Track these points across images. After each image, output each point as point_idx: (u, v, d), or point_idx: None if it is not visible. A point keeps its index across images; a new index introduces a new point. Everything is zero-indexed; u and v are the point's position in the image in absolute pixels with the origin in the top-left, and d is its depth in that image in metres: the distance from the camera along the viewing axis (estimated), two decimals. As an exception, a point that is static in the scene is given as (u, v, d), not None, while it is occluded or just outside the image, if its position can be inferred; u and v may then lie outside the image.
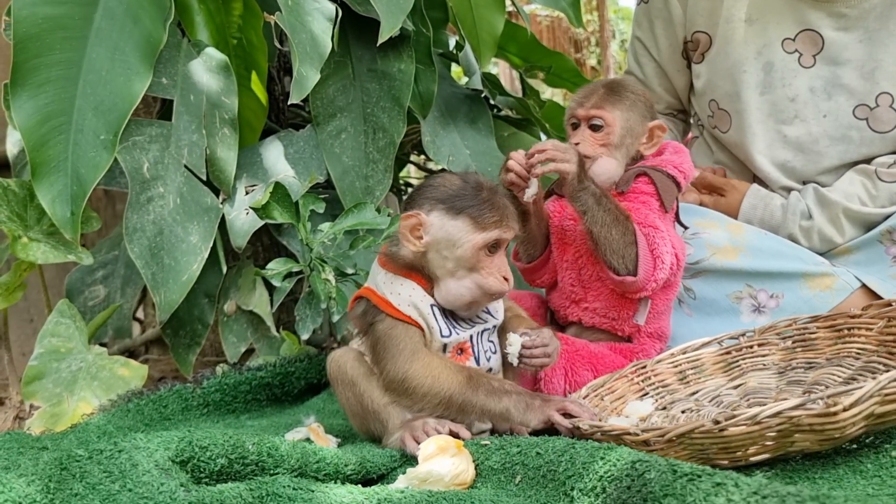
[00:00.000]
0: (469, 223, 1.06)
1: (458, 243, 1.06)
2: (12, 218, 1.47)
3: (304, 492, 0.82)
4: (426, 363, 1.06)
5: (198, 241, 1.56)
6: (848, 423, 0.84)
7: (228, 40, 1.77)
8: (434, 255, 1.08)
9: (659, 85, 1.78)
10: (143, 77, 1.50)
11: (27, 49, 1.43)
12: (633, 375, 1.26)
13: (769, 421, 0.85)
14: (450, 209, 1.07)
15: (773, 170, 1.55)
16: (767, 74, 1.55)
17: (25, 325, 2.42)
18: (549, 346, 1.11)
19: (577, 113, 1.34)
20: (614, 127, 1.31)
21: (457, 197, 1.07)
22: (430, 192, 1.10)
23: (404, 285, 1.10)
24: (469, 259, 1.06)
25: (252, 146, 1.79)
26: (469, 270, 1.07)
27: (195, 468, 0.84)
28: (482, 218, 1.06)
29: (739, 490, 0.71)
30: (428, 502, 0.84)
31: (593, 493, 0.82)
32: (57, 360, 1.40)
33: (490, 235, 1.06)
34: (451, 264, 1.07)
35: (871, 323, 1.16)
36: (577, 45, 9.61)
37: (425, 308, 1.09)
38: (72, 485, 0.76)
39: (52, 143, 1.42)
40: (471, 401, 1.04)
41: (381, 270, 1.13)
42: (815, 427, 0.85)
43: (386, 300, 1.10)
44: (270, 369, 1.48)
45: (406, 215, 1.08)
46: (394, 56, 1.87)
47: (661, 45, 1.72)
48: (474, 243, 1.06)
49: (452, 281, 1.08)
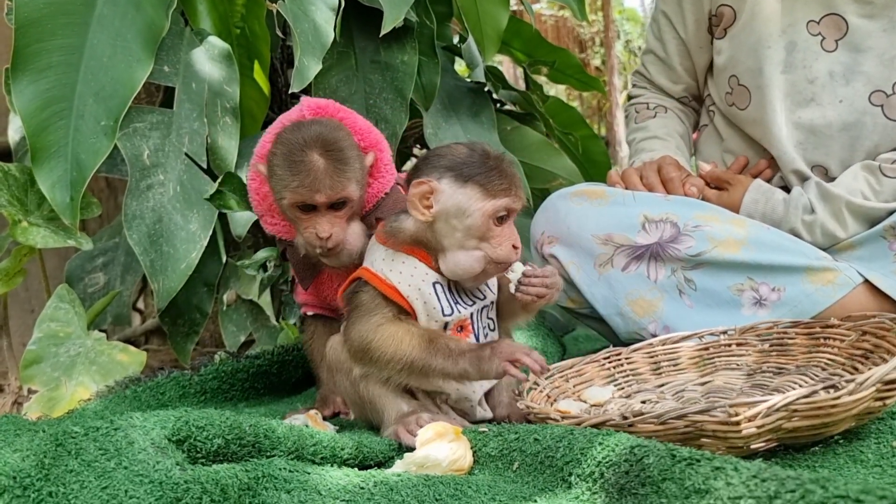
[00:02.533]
0: (478, 191, 1.03)
1: (467, 211, 1.03)
2: (13, 202, 1.47)
3: (300, 474, 0.82)
4: (391, 331, 1.05)
5: (197, 230, 1.56)
6: (751, 434, 0.84)
7: (231, 29, 1.77)
8: (442, 224, 1.05)
9: (680, 64, 1.78)
10: (144, 64, 1.50)
11: (29, 34, 1.43)
12: (606, 361, 1.26)
13: (675, 423, 0.86)
14: (458, 177, 1.04)
15: (791, 149, 1.55)
16: (789, 54, 1.56)
17: (26, 315, 2.42)
18: (550, 278, 1.10)
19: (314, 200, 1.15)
20: (356, 197, 1.19)
21: (465, 164, 1.05)
22: (438, 161, 1.07)
23: (406, 263, 1.08)
24: (478, 228, 1.04)
25: (253, 136, 1.79)
26: (478, 240, 1.05)
27: (191, 448, 0.84)
28: (491, 185, 1.04)
29: (739, 474, 0.70)
30: (425, 486, 0.83)
31: (591, 478, 0.82)
32: (55, 344, 1.40)
33: (499, 203, 1.04)
34: (461, 234, 1.05)
35: (845, 335, 1.14)
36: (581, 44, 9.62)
37: (427, 288, 1.08)
38: (67, 461, 0.75)
39: (53, 129, 1.42)
40: (430, 364, 1.04)
41: (380, 248, 1.12)
42: (718, 434, 0.85)
43: (379, 277, 1.08)
44: (268, 357, 1.48)
45: (417, 182, 1.05)
46: (397, 47, 1.87)
47: (688, 19, 1.72)
48: (484, 211, 1.03)
49: (461, 252, 1.05)
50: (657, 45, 1.81)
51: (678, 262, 1.42)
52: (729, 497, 0.69)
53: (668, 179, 1.57)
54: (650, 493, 0.75)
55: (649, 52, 1.85)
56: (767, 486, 0.67)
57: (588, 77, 2.92)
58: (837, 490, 0.64)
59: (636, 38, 15.70)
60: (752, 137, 1.64)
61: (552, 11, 8.66)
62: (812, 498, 0.63)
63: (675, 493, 0.73)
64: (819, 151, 1.54)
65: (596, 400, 1.16)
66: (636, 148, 1.81)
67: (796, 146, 1.55)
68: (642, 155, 1.74)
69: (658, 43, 1.81)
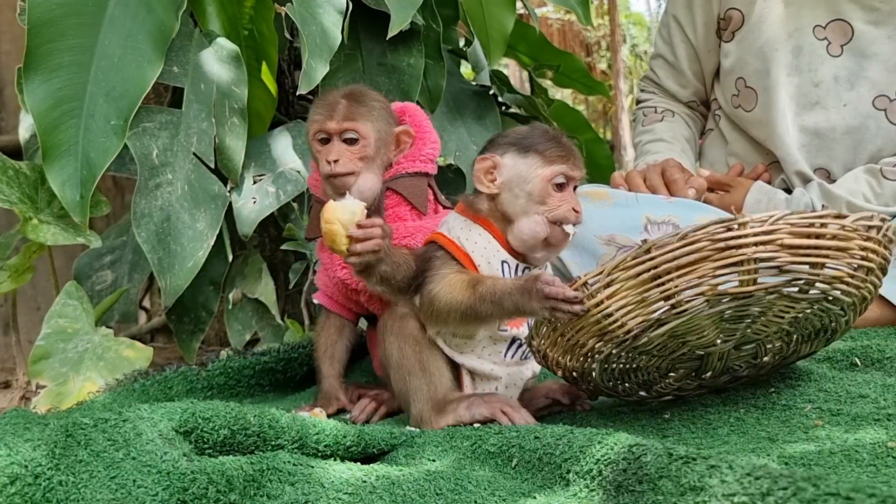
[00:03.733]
0: (537, 158, 1.10)
1: (527, 178, 1.10)
2: (23, 200, 1.49)
3: (304, 467, 0.83)
4: (448, 281, 1.08)
5: (204, 228, 1.58)
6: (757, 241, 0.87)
7: (240, 31, 1.79)
8: (507, 194, 1.11)
9: (689, 68, 1.80)
10: (154, 65, 1.52)
11: (41, 34, 1.45)
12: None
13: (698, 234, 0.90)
14: (520, 148, 1.12)
15: (795, 150, 1.57)
16: (796, 57, 1.58)
17: (33, 313, 2.44)
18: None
19: (326, 126, 1.25)
20: (370, 139, 1.26)
21: (525, 137, 1.13)
22: (501, 139, 1.15)
23: (482, 235, 1.13)
24: (539, 193, 1.10)
25: (261, 136, 1.81)
26: (539, 205, 1.10)
27: (198, 438, 0.85)
28: (549, 152, 1.10)
29: (733, 471, 0.72)
30: (426, 481, 0.85)
31: (589, 475, 0.83)
32: (64, 340, 1.42)
33: (557, 169, 1.10)
34: (523, 200, 1.10)
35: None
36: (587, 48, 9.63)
37: (495, 263, 1.12)
38: (76, 451, 0.77)
39: (64, 128, 1.44)
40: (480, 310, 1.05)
41: (459, 217, 1.16)
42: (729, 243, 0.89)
43: (454, 242, 1.13)
44: (274, 355, 1.50)
45: (480, 158, 1.13)
46: (403, 50, 1.89)
47: (698, 22, 1.75)
48: (543, 175, 1.09)
49: (525, 219, 1.10)
50: (666, 49, 1.83)
51: (679, 263, 1.44)
52: (723, 494, 0.70)
53: (672, 182, 1.58)
54: (647, 491, 0.76)
55: (658, 57, 1.87)
56: (760, 484, 0.69)
57: (593, 81, 2.93)
58: (829, 488, 0.65)
59: (642, 42, 15.71)
60: (757, 140, 1.65)
61: (558, 15, 8.69)
62: (804, 495, 0.64)
63: (671, 491, 0.74)
64: (823, 154, 1.56)
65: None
66: (642, 150, 1.83)
67: (800, 148, 1.57)
68: (647, 157, 1.76)
69: (667, 47, 1.82)
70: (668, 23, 1.82)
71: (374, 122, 1.27)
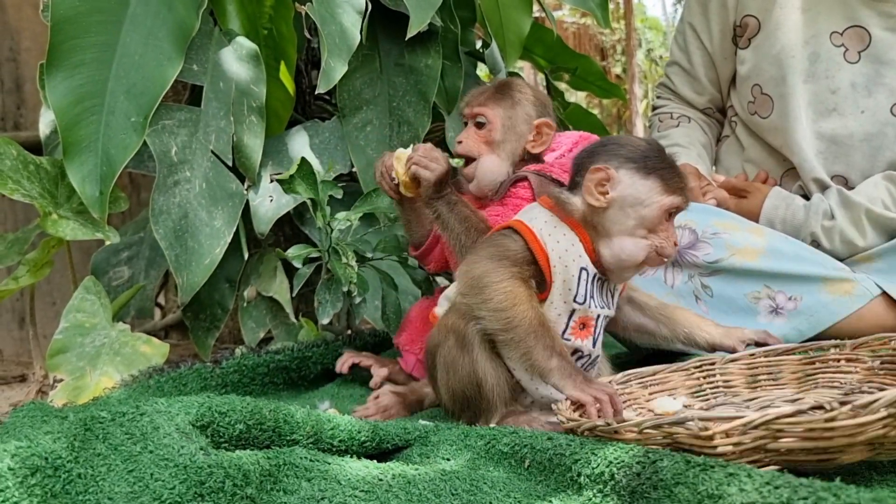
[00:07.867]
0: (660, 184, 1.07)
1: (645, 202, 1.07)
2: (43, 195, 1.51)
3: (321, 464, 0.84)
4: (514, 285, 1.05)
5: (221, 226, 1.59)
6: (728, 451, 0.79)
7: (259, 30, 1.80)
8: (616, 211, 1.08)
9: (705, 75, 1.80)
10: (174, 62, 1.53)
11: (63, 31, 1.46)
12: (696, 370, 1.18)
13: (652, 432, 0.84)
14: (641, 168, 1.07)
15: (812, 157, 1.56)
16: (812, 64, 1.57)
17: (48, 307, 2.46)
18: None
19: (464, 111, 1.38)
20: (496, 124, 1.34)
21: (647, 157, 1.08)
22: (618, 150, 1.10)
23: (566, 236, 1.10)
24: (652, 220, 1.07)
25: (278, 135, 1.82)
26: (648, 231, 1.07)
27: (215, 433, 0.86)
28: (672, 181, 1.07)
29: (752, 480, 0.71)
30: (441, 480, 0.85)
31: (601, 479, 0.82)
32: (81, 334, 1.43)
33: (677, 200, 1.07)
34: (633, 222, 1.07)
35: None
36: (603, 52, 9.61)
37: (574, 268, 1.09)
38: (95, 445, 0.78)
39: (85, 124, 1.46)
40: (527, 342, 1.03)
41: (545, 211, 1.13)
42: (694, 448, 0.81)
43: (536, 236, 1.09)
44: (288, 353, 1.50)
45: (594, 168, 1.07)
46: (421, 51, 1.89)
47: (714, 29, 1.74)
48: (661, 205, 1.07)
49: (629, 240, 1.08)
50: (682, 57, 1.82)
51: (695, 268, 1.43)
52: (742, 503, 0.69)
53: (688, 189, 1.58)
54: (662, 497, 0.76)
55: (674, 64, 1.86)
56: (780, 493, 0.68)
57: (609, 84, 2.93)
58: (849, 498, 0.64)
59: (658, 46, 15.65)
60: (773, 146, 1.64)
61: (574, 19, 8.68)
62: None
63: (687, 498, 0.74)
64: (840, 161, 1.55)
65: (663, 410, 1.09)
66: None
67: (817, 155, 1.56)
68: (663, 163, 1.75)
69: (683, 54, 1.82)
70: (684, 30, 1.82)
71: (506, 109, 1.34)
